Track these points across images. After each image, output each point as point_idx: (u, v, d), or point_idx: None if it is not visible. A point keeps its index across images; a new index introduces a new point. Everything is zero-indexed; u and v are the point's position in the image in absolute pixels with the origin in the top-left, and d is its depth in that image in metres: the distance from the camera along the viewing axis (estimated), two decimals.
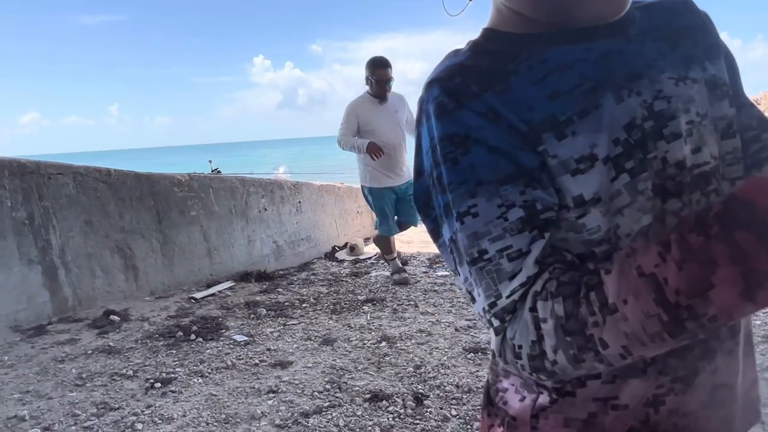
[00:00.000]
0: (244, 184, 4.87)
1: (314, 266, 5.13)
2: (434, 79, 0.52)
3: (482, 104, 0.48)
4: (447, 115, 0.49)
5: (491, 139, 0.47)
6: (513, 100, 0.48)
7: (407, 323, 3.18)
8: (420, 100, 0.53)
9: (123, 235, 3.78)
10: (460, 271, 0.51)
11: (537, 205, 0.47)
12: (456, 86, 0.49)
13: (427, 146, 0.51)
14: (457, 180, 0.48)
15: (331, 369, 2.50)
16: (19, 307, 3.17)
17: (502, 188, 0.47)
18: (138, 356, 2.70)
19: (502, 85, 0.49)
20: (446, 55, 0.56)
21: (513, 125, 0.48)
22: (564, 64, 0.50)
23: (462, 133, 0.48)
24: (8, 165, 3.21)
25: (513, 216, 0.46)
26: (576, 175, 0.47)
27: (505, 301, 0.46)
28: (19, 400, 2.21)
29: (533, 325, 0.45)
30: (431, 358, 2.61)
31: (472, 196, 0.47)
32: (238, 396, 2.23)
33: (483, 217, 0.47)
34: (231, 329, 3.13)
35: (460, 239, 0.48)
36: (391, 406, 2.10)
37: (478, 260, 0.47)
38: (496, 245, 0.46)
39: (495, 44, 0.53)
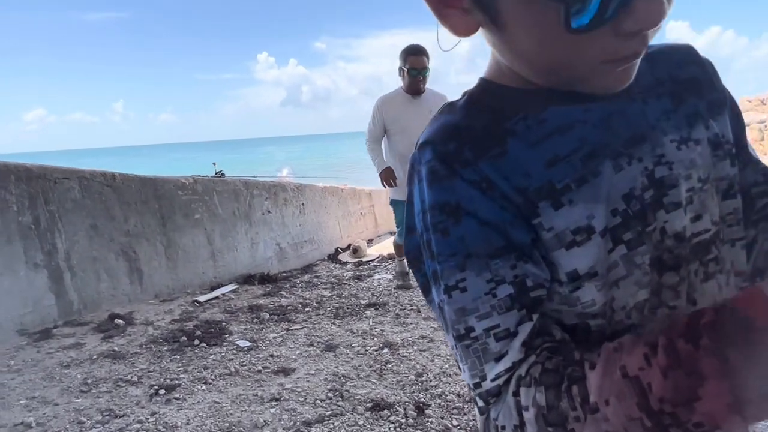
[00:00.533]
0: (248, 187, 4.89)
1: (317, 268, 5.15)
2: (427, 141, 0.50)
3: (476, 173, 0.47)
4: (438, 182, 0.47)
5: (482, 211, 0.46)
6: (509, 166, 0.47)
7: (409, 329, 3.19)
8: (412, 159, 0.52)
9: (128, 238, 3.81)
10: (447, 338, 0.50)
11: (527, 281, 0.45)
12: (449, 152, 0.48)
13: (418, 208, 0.50)
14: (446, 252, 0.47)
15: (334, 376, 2.52)
16: (26, 310, 3.20)
17: (492, 262, 0.45)
18: (142, 361, 2.73)
19: (498, 148, 0.48)
20: (441, 109, 0.54)
21: (507, 196, 0.46)
22: (563, 125, 0.48)
23: (453, 202, 0.46)
24: (14, 170, 3.24)
25: (502, 293, 0.45)
26: (571, 249, 0.46)
27: (490, 384, 0.45)
28: (25, 407, 2.23)
29: (516, 410, 0.44)
30: (433, 365, 2.62)
31: (461, 270, 0.46)
32: (241, 404, 2.25)
33: (471, 292, 0.46)
34: (234, 334, 3.16)
35: (446, 312, 0.47)
36: (392, 415, 2.12)
37: (464, 337, 0.46)
38: (483, 323, 0.45)
39: (492, 99, 0.51)
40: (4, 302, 3.09)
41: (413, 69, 3.24)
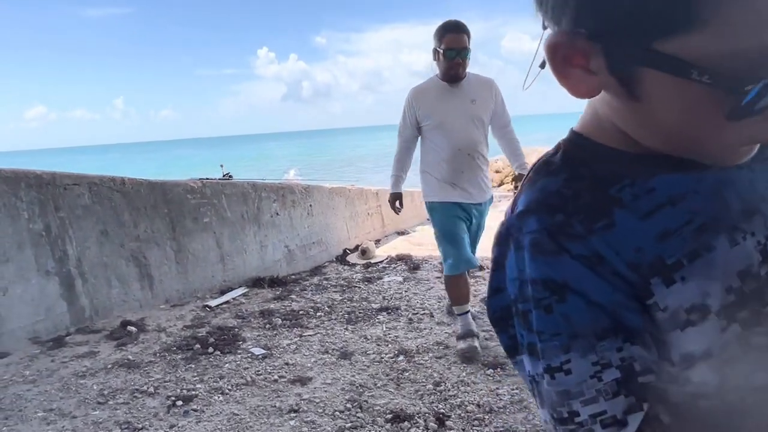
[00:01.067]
0: (256, 189, 4.86)
1: (326, 270, 5.13)
2: (529, 209, 0.47)
3: (585, 248, 0.43)
4: (544, 256, 0.44)
5: (591, 291, 0.43)
6: (619, 240, 0.44)
7: (424, 335, 3.17)
8: (509, 224, 0.48)
9: (138, 243, 3.79)
10: (540, 411, 0.48)
11: (635, 365, 0.42)
12: (556, 224, 0.45)
13: (513, 274, 0.47)
14: (549, 330, 0.44)
15: (351, 386, 2.50)
16: (38, 318, 3.19)
17: (598, 344, 0.42)
18: (157, 371, 2.72)
19: (606, 219, 0.44)
20: (535, 169, 0.50)
21: (620, 273, 0.43)
22: (675, 196, 0.45)
23: (559, 280, 0.44)
24: (24, 177, 3.22)
25: (608, 377, 0.42)
26: (686, 329, 0.43)
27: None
28: (43, 419, 2.22)
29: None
30: (450, 374, 2.61)
31: (566, 351, 0.43)
32: (260, 416, 2.24)
33: (576, 375, 0.43)
34: (248, 341, 3.14)
35: (547, 392, 0.45)
36: (413, 427, 2.11)
37: (567, 421, 0.44)
38: (589, 409, 0.42)
39: (593, 160, 0.48)
40: (17, 310, 3.08)
41: (450, 49, 2.62)
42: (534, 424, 2.10)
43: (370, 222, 6.70)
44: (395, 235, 7.05)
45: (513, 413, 2.20)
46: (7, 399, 2.40)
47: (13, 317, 3.05)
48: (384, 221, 7.06)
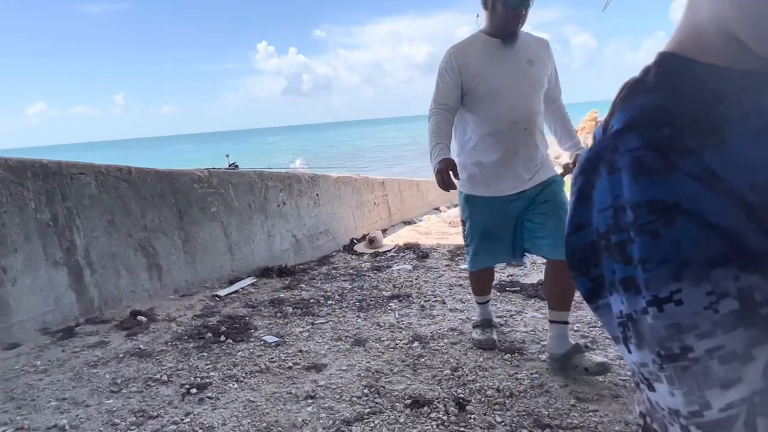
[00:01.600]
0: (263, 179, 4.82)
1: (334, 260, 5.09)
2: (629, 125, 0.42)
3: (699, 165, 0.39)
4: (650, 176, 0.40)
5: (708, 211, 0.39)
6: (733, 158, 0.40)
7: (437, 321, 3.13)
8: (600, 144, 0.44)
9: (146, 233, 3.75)
10: (635, 353, 0.43)
11: (756, 296, 0.38)
12: (666, 140, 0.40)
13: (605, 203, 0.43)
14: (657, 257, 0.40)
15: (367, 372, 2.46)
16: (47, 309, 3.16)
17: (713, 272, 0.38)
18: (170, 359, 2.68)
19: (717, 136, 0.40)
20: (627, 89, 0.46)
21: (738, 192, 0.39)
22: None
23: (670, 201, 0.39)
24: (30, 166, 3.18)
25: (725, 308, 0.38)
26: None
27: (718, 414, 0.39)
28: (56, 408, 2.19)
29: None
30: (467, 359, 2.56)
31: (677, 280, 0.39)
32: (276, 402, 2.20)
33: (688, 306, 0.39)
34: (260, 329, 3.10)
35: (652, 327, 0.41)
36: (433, 412, 2.06)
37: (679, 357, 0.40)
38: (705, 343, 0.39)
39: (689, 78, 0.43)
40: (27, 301, 3.04)
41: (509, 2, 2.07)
42: (556, 408, 2.06)
43: (377, 211, 6.65)
44: (402, 224, 7.00)
45: (534, 397, 2.16)
46: (19, 389, 2.37)
47: (22, 308, 3.02)
48: (391, 211, 7.01)
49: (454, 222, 6.87)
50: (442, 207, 8.59)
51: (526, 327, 2.96)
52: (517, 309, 3.26)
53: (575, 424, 1.95)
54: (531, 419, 1.99)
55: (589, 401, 2.10)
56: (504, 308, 3.29)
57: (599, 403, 2.09)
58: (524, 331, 2.90)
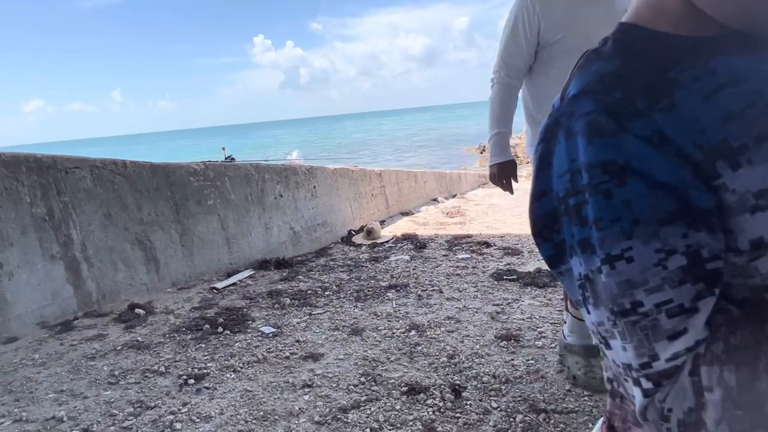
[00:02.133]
0: (259, 171, 4.81)
1: (332, 251, 5.10)
2: (584, 90, 0.44)
3: (649, 127, 0.41)
4: (602, 138, 0.41)
5: (656, 171, 0.40)
6: (682, 120, 0.41)
7: (434, 310, 3.14)
8: (558, 111, 0.45)
9: (142, 227, 3.75)
10: (592, 313, 0.45)
11: (702, 252, 0.40)
12: (617, 102, 0.42)
13: (562, 168, 0.44)
14: (609, 217, 0.41)
15: (364, 360, 2.47)
16: (45, 303, 3.16)
17: (662, 230, 0.40)
18: (168, 351, 2.69)
19: (666, 100, 0.41)
20: (585, 57, 0.47)
21: (684, 152, 0.40)
22: (737, 77, 0.42)
23: (620, 161, 0.41)
24: (24, 160, 3.17)
25: (673, 264, 0.40)
26: (756, 213, 0.40)
27: (665, 364, 0.41)
28: (54, 400, 2.20)
29: (693, 391, 0.39)
30: (463, 346, 2.57)
31: (628, 238, 0.41)
32: (273, 391, 2.21)
33: (639, 263, 0.41)
34: (257, 320, 3.11)
35: (605, 285, 0.42)
36: (429, 399, 2.08)
37: (630, 312, 0.41)
38: (654, 298, 0.40)
39: (646, 46, 0.45)
40: (24, 295, 3.05)
41: None
42: (551, 393, 2.07)
43: (374, 203, 6.65)
44: (400, 215, 7.00)
45: (530, 383, 2.17)
46: (17, 382, 2.38)
47: (19, 302, 3.03)
48: (388, 202, 7.00)
49: (451, 212, 6.87)
50: (439, 198, 8.59)
51: (522, 314, 2.97)
52: (514, 297, 3.27)
53: (570, 409, 1.96)
54: (526, 404, 2.00)
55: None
56: (501, 296, 3.30)
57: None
58: (521, 318, 2.91)
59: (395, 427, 1.90)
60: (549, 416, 1.92)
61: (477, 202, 8.00)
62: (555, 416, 1.91)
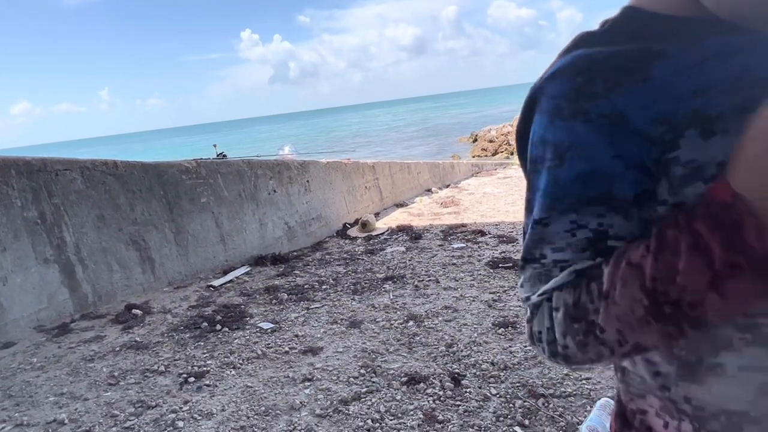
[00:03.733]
0: (252, 167, 4.79)
1: (327, 245, 5.10)
2: (556, 73, 0.48)
3: (606, 107, 0.44)
4: (558, 119, 0.47)
5: (593, 158, 0.46)
6: (652, 93, 0.44)
7: (431, 300, 3.16)
8: (536, 88, 0.50)
9: (136, 227, 3.73)
10: (521, 248, 0.54)
11: (609, 231, 0.47)
12: (577, 87, 0.46)
13: (534, 137, 0.50)
14: (543, 188, 0.49)
15: (363, 352, 2.49)
16: (41, 306, 3.15)
17: (581, 208, 0.47)
18: (167, 350, 2.69)
19: (640, 74, 0.44)
20: (575, 40, 0.50)
21: (639, 130, 0.44)
22: (724, 51, 0.44)
23: (566, 143, 0.47)
24: (14, 164, 3.14)
25: (581, 235, 0.48)
26: (711, 182, 0.42)
27: (536, 298, 0.51)
28: (55, 403, 2.20)
29: (548, 314, 0.49)
30: (461, 335, 2.59)
31: (550, 209, 0.49)
32: (273, 386, 2.22)
33: (552, 228, 0.49)
34: (255, 316, 3.12)
35: (528, 236, 0.51)
36: (429, 388, 2.09)
37: (535, 261, 0.50)
38: (555, 255, 0.49)
39: (641, 27, 0.47)
40: (19, 299, 3.03)
41: None
42: (549, 378, 2.10)
43: (369, 195, 6.64)
44: (394, 207, 7.00)
45: (528, 368, 2.19)
46: (17, 386, 2.37)
47: (15, 307, 3.01)
48: (382, 194, 7.00)
49: (445, 202, 6.88)
50: (433, 188, 8.59)
51: (519, 301, 2.99)
52: (510, 284, 3.29)
53: (569, 393, 1.98)
54: (525, 390, 2.02)
55: (581, 370, 2.14)
56: (497, 284, 3.32)
57: (591, 371, 2.12)
58: (517, 305, 2.93)
59: (396, 417, 1.91)
60: (548, 400, 1.94)
61: (471, 191, 8.01)
62: (554, 400, 1.94)
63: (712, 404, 0.46)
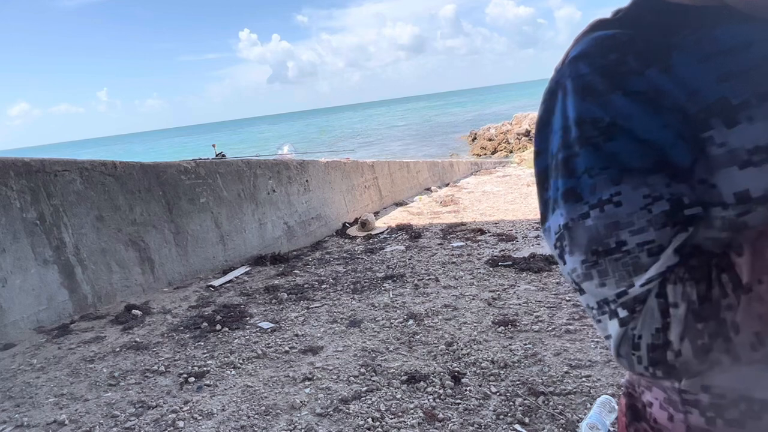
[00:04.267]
0: (251, 167, 4.79)
1: (327, 245, 5.10)
2: (582, 53, 0.46)
3: (643, 83, 0.43)
4: (593, 97, 0.44)
5: (640, 129, 0.43)
6: (676, 80, 0.43)
7: (431, 299, 3.16)
8: (559, 73, 0.48)
9: (135, 227, 3.73)
10: (568, 261, 0.48)
11: (684, 199, 0.43)
12: (610, 64, 0.44)
13: (559, 124, 0.47)
14: (599, 165, 0.45)
15: (363, 352, 2.49)
16: (40, 308, 3.15)
17: (649, 177, 0.43)
18: (167, 350, 2.69)
19: (663, 62, 0.44)
20: (591, 25, 0.50)
21: (679, 105, 0.43)
22: (741, 43, 0.44)
23: (607, 119, 0.44)
24: (12, 165, 3.14)
25: (658, 209, 0.43)
26: (746, 168, 0.42)
27: (639, 289, 0.44)
28: (55, 404, 2.20)
29: (660, 311, 0.42)
30: (461, 333, 2.59)
31: (616, 183, 0.44)
32: (273, 386, 2.22)
33: (626, 206, 0.44)
34: (255, 316, 3.12)
35: (591, 228, 0.45)
36: (429, 386, 2.09)
37: (614, 251, 0.44)
38: (638, 238, 0.44)
39: (653, 15, 0.47)
40: (18, 301, 3.03)
41: None
42: (550, 376, 2.10)
43: (368, 194, 6.65)
44: (393, 206, 7.01)
45: (528, 366, 2.19)
46: (17, 388, 2.37)
47: (14, 308, 3.01)
48: (381, 193, 7.00)
49: (445, 201, 6.88)
50: (433, 187, 8.59)
51: (519, 299, 2.99)
52: (510, 283, 3.29)
53: (569, 390, 1.98)
54: (525, 388, 2.02)
55: (581, 367, 2.14)
56: (497, 282, 3.32)
57: (592, 368, 2.12)
58: (517, 303, 2.93)
59: (396, 415, 1.92)
60: (548, 398, 1.94)
61: (470, 189, 8.01)
62: (554, 398, 1.94)
63: (735, 391, 0.45)
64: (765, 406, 0.45)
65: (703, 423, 0.48)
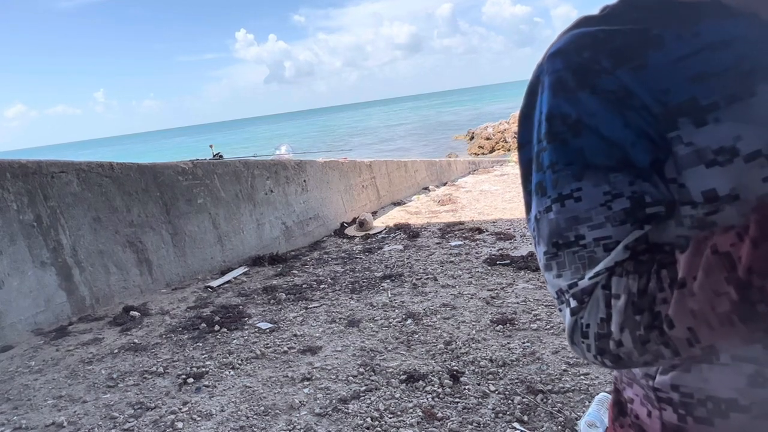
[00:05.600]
0: (248, 167, 4.78)
1: (325, 244, 5.10)
2: (559, 50, 0.47)
3: (612, 82, 0.44)
4: (564, 93, 0.46)
5: (604, 128, 0.44)
6: (648, 79, 0.44)
7: (429, 298, 3.16)
8: (539, 68, 0.49)
9: (133, 229, 3.72)
10: (537, 250, 0.50)
11: (645, 197, 0.44)
12: (583, 61, 0.45)
13: (537, 119, 0.49)
14: (563, 160, 0.46)
15: (362, 351, 2.49)
16: (38, 310, 3.14)
17: (611, 175, 0.45)
18: (165, 352, 2.69)
19: (637, 61, 0.44)
20: (575, 22, 0.50)
21: (646, 106, 0.43)
22: (720, 41, 0.44)
23: (574, 115, 0.45)
24: (8, 167, 3.13)
25: (618, 206, 0.44)
26: (712, 167, 0.42)
27: (587, 282, 0.45)
28: (54, 406, 2.20)
29: (604, 302, 0.44)
30: (460, 332, 2.60)
31: (578, 179, 0.46)
32: (272, 386, 2.22)
33: (586, 202, 0.45)
34: (253, 317, 3.12)
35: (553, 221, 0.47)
36: (428, 385, 2.10)
37: (572, 244, 0.46)
38: (595, 233, 0.45)
39: (637, 11, 0.47)
40: (16, 303, 3.03)
41: None
42: (548, 374, 2.10)
43: (366, 194, 6.64)
44: (391, 205, 7.01)
45: (526, 365, 2.20)
46: (15, 390, 2.37)
47: (12, 310, 3.01)
48: (379, 192, 7.00)
49: (443, 200, 6.88)
50: (430, 186, 8.60)
51: (517, 298, 2.99)
52: (508, 281, 3.30)
53: (567, 388, 1.99)
54: (524, 386, 2.03)
55: (580, 365, 2.14)
56: (495, 281, 3.33)
57: (590, 366, 2.13)
58: (515, 302, 2.94)
59: (395, 415, 1.92)
60: (546, 396, 1.95)
61: (468, 188, 8.02)
62: (552, 396, 1.94)
63: (701, 391, 0.46)
64: (731, 406, 0.45)
65: (676, 420, 0.48)
